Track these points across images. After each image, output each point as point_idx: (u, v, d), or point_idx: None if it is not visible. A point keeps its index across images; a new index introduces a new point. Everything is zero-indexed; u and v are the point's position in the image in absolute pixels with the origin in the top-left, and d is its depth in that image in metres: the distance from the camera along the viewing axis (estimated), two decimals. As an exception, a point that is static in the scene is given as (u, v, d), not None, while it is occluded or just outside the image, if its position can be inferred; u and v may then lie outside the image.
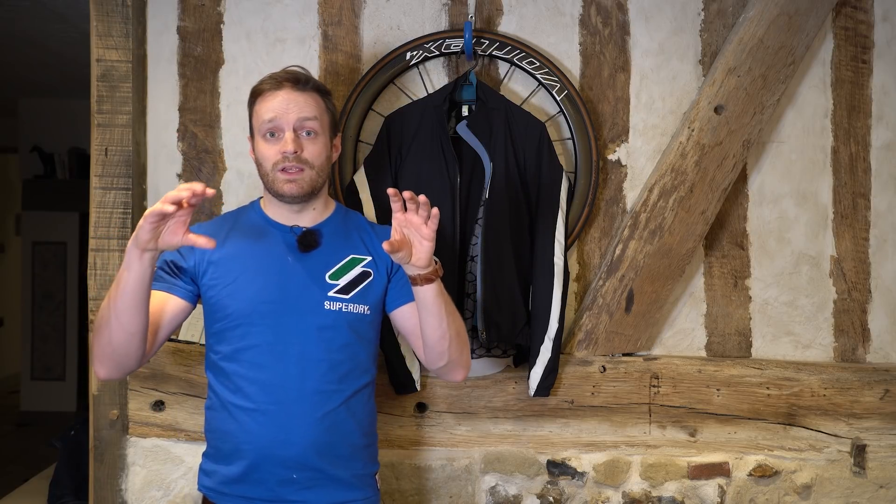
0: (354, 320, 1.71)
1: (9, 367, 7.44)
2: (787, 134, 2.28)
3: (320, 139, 1.72)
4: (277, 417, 1.65)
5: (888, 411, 2.24)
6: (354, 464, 1.73)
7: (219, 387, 1.71)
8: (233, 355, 1.68)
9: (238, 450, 1.67)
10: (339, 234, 1.78)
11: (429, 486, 2.18)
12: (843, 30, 2.29)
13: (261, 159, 1.72)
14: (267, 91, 1.71)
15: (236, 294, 1.69)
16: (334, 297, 1.70)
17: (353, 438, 1.72)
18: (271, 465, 1.66)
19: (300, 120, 1.68)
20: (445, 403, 2.19)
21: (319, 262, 1.73)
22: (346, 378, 1.71)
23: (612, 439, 2.21)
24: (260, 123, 1.70)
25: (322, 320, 1.69)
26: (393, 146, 2.11)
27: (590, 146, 2.17)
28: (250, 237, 1.75)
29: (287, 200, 1.72)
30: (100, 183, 2.15)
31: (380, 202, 2.08)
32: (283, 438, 1.65)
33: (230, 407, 1.68)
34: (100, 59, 2.15)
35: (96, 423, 2.15)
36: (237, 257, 1.72)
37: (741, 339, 2.28)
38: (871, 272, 2.30)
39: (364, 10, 2.22)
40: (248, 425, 1.66)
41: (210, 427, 1.74)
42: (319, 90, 1.74)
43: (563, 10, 2.24)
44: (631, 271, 2.19)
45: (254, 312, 1.68)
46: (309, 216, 1.76)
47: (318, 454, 1.67)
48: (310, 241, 1.73)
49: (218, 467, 1.70)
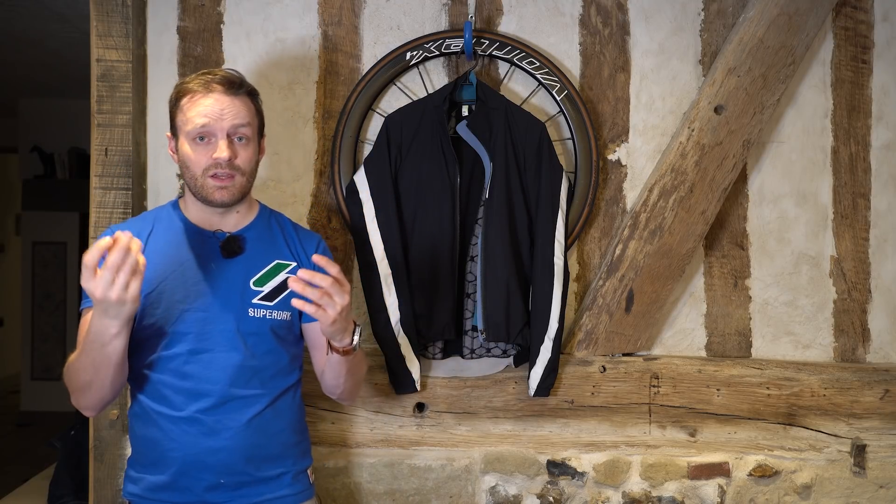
0: (278, 326, 1.70)
1: (9, 367, 7.44)
2: (787, 134, 2.28)
3: (252, 144, 1.69)
4: (204, 425, 1.63)
5: (888, 411, 2.24)
6: (285, 461, 1.73)
7: (142, 395, 1.68)
8: (156, 363, 1.65)
9: (164, 457, 1.65)
10: (264, 238, 1.75)
11: (429, 486, 2.18)
12: (843, 30, 2.29)
13: (188, 162, 1.65)
14: (197, 92, 1.65)
15: (158, 302, 1.64)
16: (258, 304, 1.68)
17: (282, 438, 1.72)
18: (199, 471, 1.64)
19: (234, 127, 1.64)
20: (445, 403, 2.19)
21: (243, 268, 1.70)
22: (270, 382, 1.70)
23: (612, 439, 2.21)
24: (190, 127, 1.63)
25: (246, 327, 1.67)
26: (393, 146, 2.11)
27: (590, 146, 2.17)
28: (172, 243, 1.70)
29: (216, 206, 1.68)
30: (100, 183, 2.15)
31: (380, 202, 2.08)
32: (211, 445, 1.63)
33: (154, 415, 1.65)
34: (100, 59, 2.15)
35: (96, 423, 2.15)
36: (159, 263, 1.67)
37: (741, 339, 2.28)
38: (871, 272, 2.30)
39: (364, 10, 2.22)
40: (174, 433, 1.64)
41: (135, 434, 1.71)
42: (251, 94, 1.71)
43: (563, 10, 2.24)
44: (631, 271, 2.19)
45: (177, 321, 1.64)
46: (233, 219, 1.73)
47: (247, 458, 1.66)
48: (233, 248, 1.70)
49: (144, 475, 1.68)
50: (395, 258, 2.07)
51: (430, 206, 2.09)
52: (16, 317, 6.75)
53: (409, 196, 2.10)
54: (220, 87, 1.64)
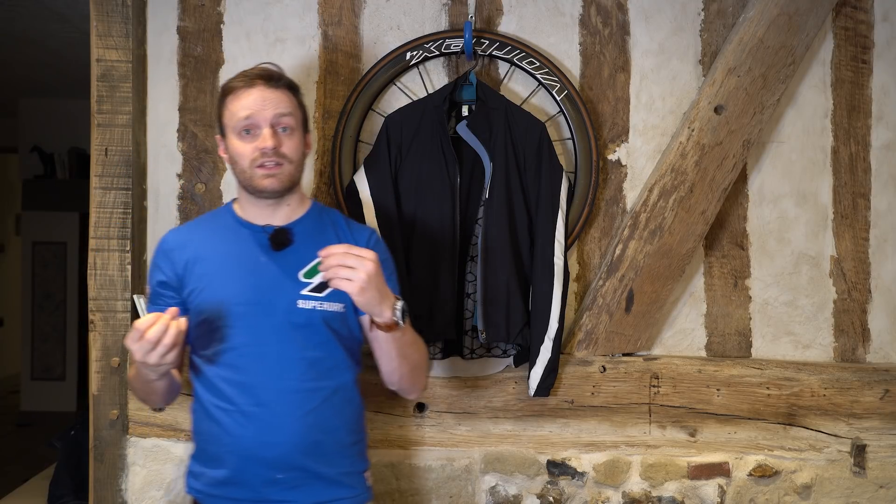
0: (330, 318, 1.70)
1: (9, 367, 7.45)
2: (787, 134, 2.28)
3: (296, 135, 1.72)
4: (259, 418, 1.65)
5: (888, 411, 2.24)
6: (341, 461, 1.72)
7: (200, 389, 1.72)
8: (212, 357, 1.68)
9: (222, 452, 1.67)
10: (314, 231, 1.76)
11: (429, 486, 2.18)
12: (843, 30, 2.29)
13: (236, 157, 1.70)
14: (239, 89, 1.69)
15: (211, 297, 1.69)
16: (307, 295, 1.69)
17: (338, 436, 1.71)
18: (255, 466, 1.65)
19: (276, 116, 1.68)
20: (445, 403, 2.19)
21: (293, 260, 1.71)
22: (325, 375, 1.70)
23: (612, 439, 2.21)
24: (235, 122, 1.69)
25: (296, 319, 1.68)
26: (393, 146, 2.11)
27: (590, 146, 2.17)
28: (223, 239, 1.74)
29: (266, 196, 1.71)
30: (100, 183, 2.15)
31: (379, 202, 2.08)
32: (266, 439, 1.64)
33: (212, 408, 1.69)
34: (100, 59, 2.15)
35: (96, 423, 2.15)
36: (211, 260, 1.72)
37: (741, 339, 2.28)
38: (871, 272, 2.30)
39: (364, 10, 2.22)
40: (230, 427, 1.66)
41: (195, 429, 1.74)
42: (291, 87, 1.74)
43: (563, 10, 2.24)
44: (631, 271, 2.19)
45: (229, 314, 1.67)
46: (283, 213, 1.75)
47: (303, 453, 1.66)
48: (282, 240, 1.72)
49: (205, 469, 1.70)
50: (394, 258, 2.07)
51: (430, 206, 2.09)
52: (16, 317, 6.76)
53: (409, 196, 2.10)
54: (260, 81, 1.69)
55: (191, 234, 1.78)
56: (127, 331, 2.14)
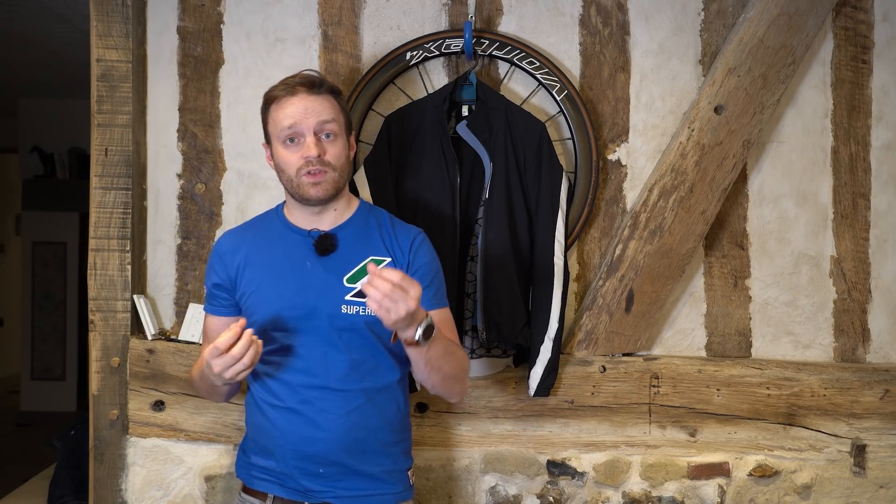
0: (373, 322, 1.71)
1: (9, 367, 7.45)
2: (787, 134, 2.28)
3: (340, 140, 1.74)
4: (304, 415, 1.71)
5: (888, 411, 2.24)
6: (383, 459, 1.76)
7: (253, 384, 1.79)
8: (262, 357, 1.72)
9: (270, 444, 1.74)
10: (360, 235, 1.78)
11: (429, 486, 2.18)
12: (843, 30, 2.29)
13: (282, 166, 1.73)
14: (282, 97, 1.72)
15: (260, 300, 1.75)
16: (351, 300, 1.72)
17: (380, 435, 1.75)
18: (299, 460, 1.71)
19: (319, 124, 1.70)
20: (445, 403, 2.19)
21: (338, 264, 1.74)
22: (368, 376, 1.74)
23: (612, 439, 2.21)
24: (279, 130, 1.71)
25: (340, 323, 1.71)
26: (393, 146, 2.11)
27: (590, 146, 2.17)
28: (271, 243, 1.79)
29: (312, 203, 1.74)
30: (100, 183, 2.16)
31: (380, 202, 2.08)
32: (310, 435, 1.70)
33: (262, 404, 1.76)
34: (100, 59, 2.15)
35: (96, 423, 2.16)
36: (259, 264, 1.77)
37: (741, 339, 2.28)
38: (871, 272, 2.30)
39: (364, 10, 2.22)
40: (278, 422, 1.73)
41: (248, 420, 1.82)
42: (333, 91, 1.76)
43: (563, 10, 2.24)
44: (631, 271, 2.19)
45: (275, 317, 1.72)
46: (330, 217, 1.77)
47: (345, 450, 1.71)
48: (326, 245, 1.75)
49: (256, 458, 1.77)
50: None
51: (430, 206, 2.09)
52: (16, 317, 6.76)
53: (409, 196, 2.10)
54: (302, 89, 1.71)
55: (243, 236, 1.82)
56: (127, 330, 2.15)
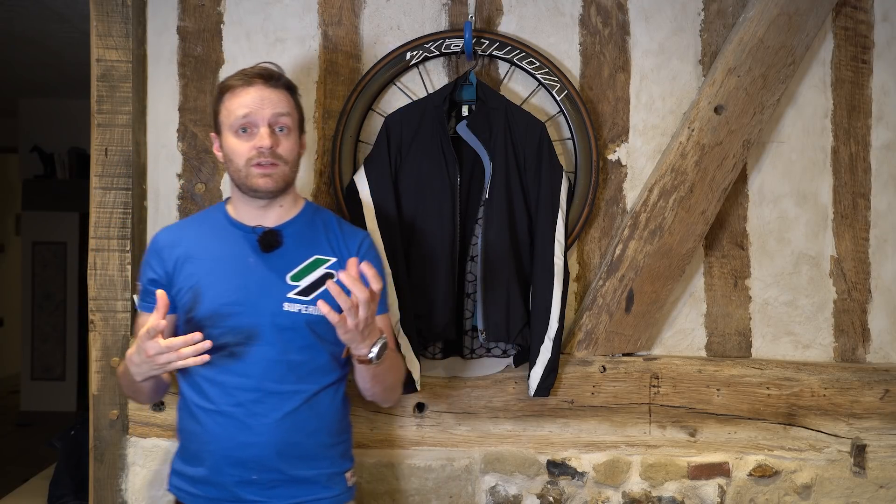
0: (315, 322, 1.69)
1: (9, 367, 7.44)
2: (787, 134, 2.28)
3: (293, 135, 1.72)
4: (236, 419, 1.66)
5: (888, 411, 2.24)
6: (321, 463, 1.72)
7: (185, 387, 1.73)
8: None
9: (202, 451, 1.68)
10: (305, 233, 1.76)
11: (429, 486, 2.18)
12: (843, 30, 2.29)
13: (231, 155, 1.70)
14: (238, 87, 1.70)
15: (198, 296, 1.69)
16: (294, 298, 1.69)
17: (318, 437, 1.71)
18: (231, 466, 1.66)
19: (275, 116, 1.69)
20: (445, 403, 2.19)
21: (281, 262, 1.72)
22: (306, 378, 1.70)
23: (612, 439, 2.21)
24: (232, 119, 1.69)
25: (282, 321, 1.68)
26: (393, 146, 2.11)
27: (590, 146, 2.17)
28: (214, 239, 1.75)
29: (259, 195, 1.71)
30: (100, 183, 2.15)
31: (379, 202, 2.08)
32: (243, 440, 1.65)
33: (193, 407, 1.70)
34: (100, 59, 2.15)
35: (96, 423, 2.15)
36: (199, 259, 1.73)
37: (741, 339, 2.28)
38: (871, 272, 2.30)
39: (364, 10, 2.22)
40: (209, 426, 1.67)
41: (179, 427, 1.76)
42: (289, 87, 1.75)
43: (563, 10, 2.24)
44: (631, 271, 2.19)
45: (215, 314, 1.68)
46: (275, 213, 1.75)
47: (279, 455, 1.66)
48: (271, 241, 1.72)
49: (185, 467, 1.72)
50: (394, 258, 2.07)
51: (429, 206, 2.09)
52: (16, 317, 6.75)
53: (409, 196, 2.10)
54: (259, 80, 1.70)
55: (182, 232, 1.79)
56: (127, 330, 2.15)
